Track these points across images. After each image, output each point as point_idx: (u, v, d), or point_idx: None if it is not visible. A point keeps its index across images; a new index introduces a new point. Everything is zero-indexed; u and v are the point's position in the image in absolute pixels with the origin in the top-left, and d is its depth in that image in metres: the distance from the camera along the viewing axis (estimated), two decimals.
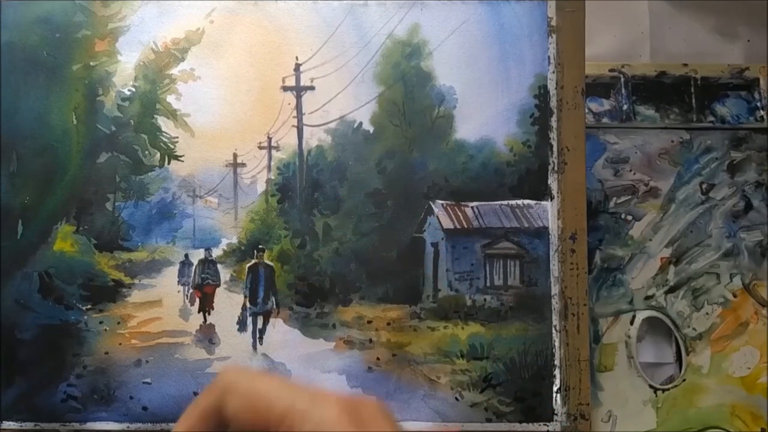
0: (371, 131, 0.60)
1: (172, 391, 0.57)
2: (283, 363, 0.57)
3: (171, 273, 0.59)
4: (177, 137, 0.59)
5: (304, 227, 0.59)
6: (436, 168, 0.60)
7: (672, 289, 0.68)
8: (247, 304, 0.59)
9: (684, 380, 0.66)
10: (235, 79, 0.59)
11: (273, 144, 0.60)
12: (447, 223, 0.59)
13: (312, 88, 0.60)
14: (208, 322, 0.58)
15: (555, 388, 0.58)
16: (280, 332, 0.58)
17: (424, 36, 0.60)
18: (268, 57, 0.60)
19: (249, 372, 0.31)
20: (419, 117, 0.60)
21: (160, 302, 0.58)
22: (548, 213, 0.59)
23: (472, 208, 0.60)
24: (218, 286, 0.59)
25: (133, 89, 0.59)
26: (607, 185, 0.69)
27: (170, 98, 0.59)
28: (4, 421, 0.56)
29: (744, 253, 0.68)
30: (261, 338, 0.58)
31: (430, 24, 0.60)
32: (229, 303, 0.59)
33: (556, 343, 0.58)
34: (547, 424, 0.57)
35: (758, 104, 0.71)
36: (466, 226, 0.60)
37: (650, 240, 0.68)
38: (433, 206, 0.60)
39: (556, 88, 0.60)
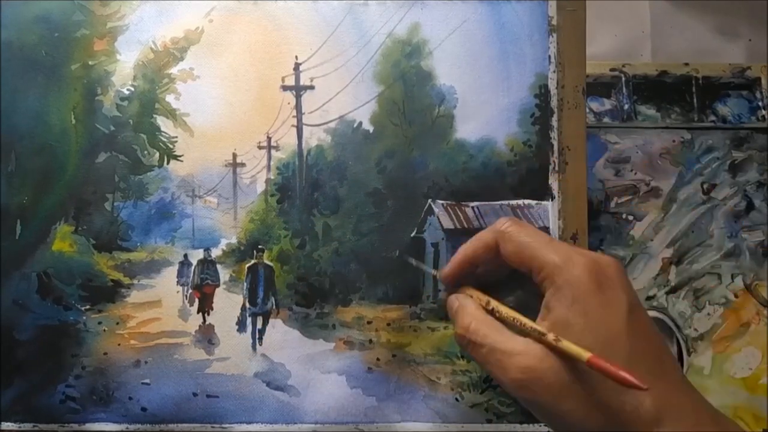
0: (371, 131, 0.59)
1: (172, 392, 0.57)
2: (283, 363, 0.57)
3: (170, 273, 0.58)
4: (176, 137, 0.59)
5: (304, 227, 0.59)
6: (437, 168, 0.59)
7: (673, 290, 0.68)
8: (247, 305, 0.59)
9: None
10: (234, 79, 0.59)
11: (272, 144, 0.59)
12: (447, 223, 0.59)
13: (312, 87, 0.60)
14: (207, 323, 0.58)
15: None
16: (279, 332, 0.58)
17: (425, 35, 0.60)
18: (268, 56, 0.60)
19: (522, 225, 0.40)
20: (419, 116, 0.60)
21: (159, 302, 0.58)
22: (549, 213, 0.59)
23: (472, 208, 0.60)
24: (218, 286, 0.59)
25: (132, 89, 0.59)
26: (608, 185, 0.69)
27: (169, 98, 0.59)
28: (2, 422, 0.56)
29: (745, 253, 0.68)
30: (261, 338, 0.58)
31: (431, 23, 0.60)
32: (228, 303, 0.58)
33: None
34: None
35: (759, 104, 0.71)
36: (466, 226, 0.59)
37: (651, 240, 0.68)
38: (433, 206, 0.59)
39: (556, 88, 0.59)
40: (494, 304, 0.40)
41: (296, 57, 0.60)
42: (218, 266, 0.59)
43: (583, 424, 0.35)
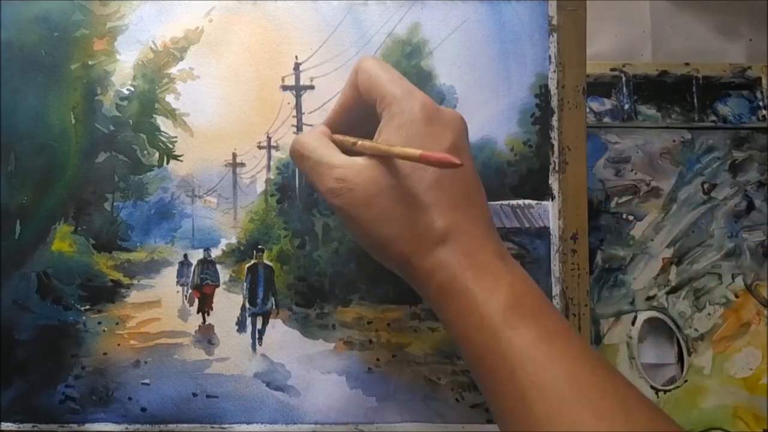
0: None
1: (171, 392, 0.57)
2: (283, 364, 0.57)
3: (170, 273, 0.58)
4: (176, 137, 0.59)
5: (304, 227, 0.59)
6: None
7: (674, 290, 0.68)
8: (247, 305, 0.59)
9: (686, 381, 0.66)
10: (234, 79, 0.59)
11: (272, 143, 0.59)
12: None
13: (312, 87, 0.59)
14: (207, 323, 0.58)
15: None
16: (279, 333, 0.58)
17: (425, 35, 0.60)
18: (268, 56, 0.60)
19: (378, 62, 0.44)
20: None
21: (159, 303, 0.58)
22: (549, 213, 0.59)
23: None
24: (217, 286, 0.59)
25: (132, 88, 0.59)
26: (609, 185, 0.69)
27: (169, 98, 0.59)
28: (2, 423, 0.56)
29: (746, 253, 0.68)
30: (260, 339, 0.58)
31: (431, 23, 0.60)
32: (228, 303, 0.58)
33: None
34: None
35: (760, 104, 0.71)
36: None
37: (652, 240, 0.68)
38: None
39: (557, 88, 0.59)
40: (357, 140, 0.43)
41: (296, 57, 0.60)
42: (218, 266, 0.59)
43: (379, 234, 0.40)
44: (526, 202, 0.60)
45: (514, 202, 0.60)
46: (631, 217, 0.69)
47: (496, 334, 0.37)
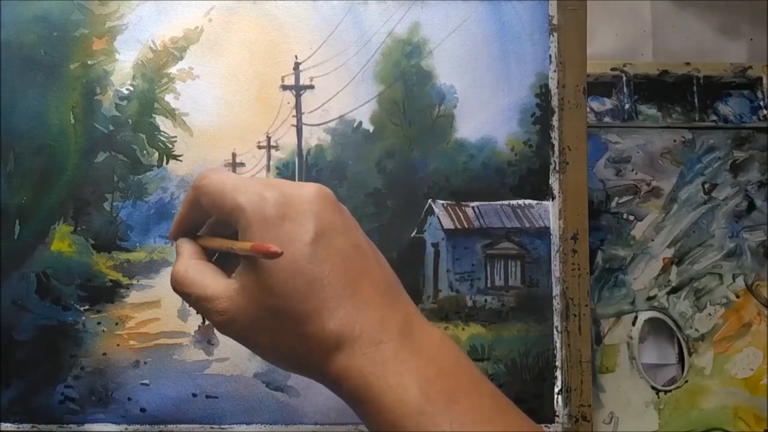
0: (371, 130, 0.59)
1: (171, 393, 0.56)
2: None
3: (169, 273, 0.58)
4: (175, 137, 0.59)
5: None
6: (437, 167, 0.59)
7: (674, 290, 0.67)
8: None
9: (686, 382, 0.66)
10: (233, 78, 0.59)
11: (272, 143, 0.59)
12: (447, 223, 0.59)
13: (311, 87, 0.59)
14: (206, 323, 0.58)
15: (556, 390, 0.57)
16: None
17: (425, 35, 0.60)
18: (267, 56, 0.59)
19: (217, 173, 0.40)
20: (419, 116, 0.59)
21: (158, 303, 0.58)
22: (549, 213, 0.59)
23: (472, 208, 0.60)
24: None
25: (131, 88, 0.59)
26: (609, 185, 0.69)
27: (168, 97, 0.59)
28: (1, 423, 0.56)
29: (747, 253, 0.68)
30: None
31: (431, 22, 0.60)
32: None
33: (558, 345, 0.58)
34: (549, 425, 0.57)
35: (761, 103, 0.71)
36: (466, 226, 0.59)
37: (652, 240, 0.68)
38: (433, 206, 0.59)
39: (557, 87, 0.59)
40: (204, 238, 0.42)
41: (296, 56, 0.59)
42: None
43: (279, 355, 0.38)
44: (527, 201, 0.59)
45: (514, 201, 0.59)
46: (631, 217, 0.69)
47: (414, 427, 0.34)
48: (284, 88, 0.59)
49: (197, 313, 0.41)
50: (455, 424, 0.34)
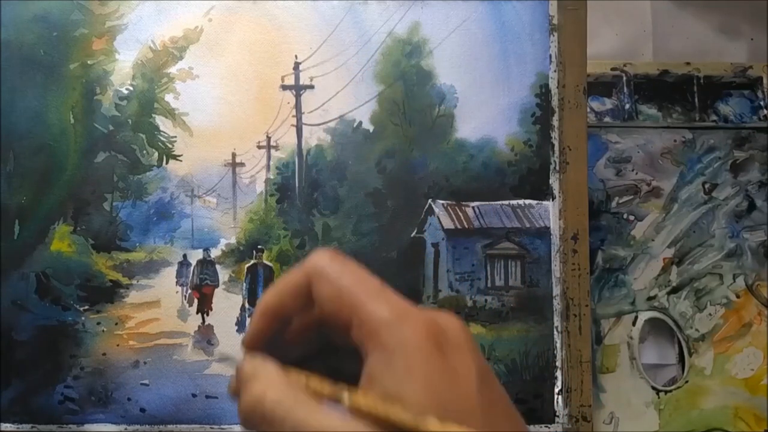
0: (371, 130, 0.59)
1: (170, 393, 0.56)
2: None
3: (169, 273, 0.58)
4: (175, 136, 0.59)
5: (304, 227, 0.59)
6: (437, 167, 0.59)
7: (674, 290, 0.67)
8: (246, 305, 0.58)
9: (687, 382, 0.66)
10: (233, 78, 0.59)
11: (272, 143, 0.59)
12: (447, 223, 0.59)
13: (311, 86, 0.59)
14: (206, 323, 0.58)
15: (556, 390, 0.57)
16: None
17: (425, 34, 0.60)
18: (267, 55, 0.59)
19: (340, 261, 0.30)
20: (419, 116, 0.59)
21: (158, 303, 0.58)
22: (550, 213, 0.59)
23: (473, 208, 0.59)
24: (217, 286, 0.58)
25: (131, 88, 0.59)
26: (609, 185, 0.69)
27: (168, 97, 0.59)
28: (1, 423, 0.56)
29: (747, 253, 0.68)
30: None
31: (431, 22, 0.60)
32: (227, 304, 0.58)
33: (558, 345, 0.58)
34: (549, 426, 0.57)
35: (761, 103, 0.71)
36: (466, 226, 0.59)
37: (653, 240, 0.68)
38: (433, 206, 0.59)
39: (557, 87, 0.59)
40: (304, 375, 0.29)
41: (296, 56, 0.59)
42: (217, 266, 0.59)
43: None
44: (527, 201, 0.59)
45: (514, 201, 0.59)
46: (631, 217, 0.68)
47: None
48: (284, 88, 0.59)
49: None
50: None
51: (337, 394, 0.28)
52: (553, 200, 0.59)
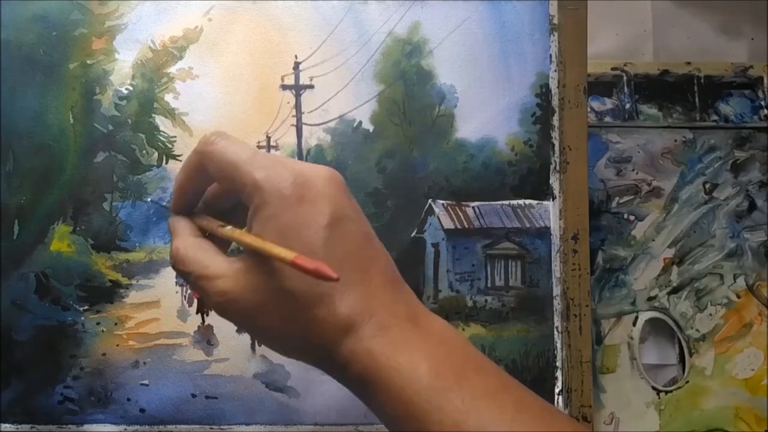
0: (371, 130, 0.59)
1: (170, 393, 0.56)
2: (282, 364, 0.57)
3: (169, 274, 0.58)
4: (175, 136, 0.59)
5: None
6: (437, 167, 0.59)
7: (675, 290, 0.67)
8: None
9: (687, 382, 0.66)
10: (233, 78, 0.59)
11: (272, 143, 0.59)
12: (448, 223, 0.59)
13: (311, 86, 0.59)
14: (206, 323, 0.58)
15: (557, 390, 0.57)
16: None
17: (425, 34, 0.60)
18: (267, 55, 0.59)
19: (226, 140, 0.37)
20: (419, 116, 0.59)
21: (158, 303, 0.58)
22: (550, 213, 0.59)
23: (473, 208, 0.59)
24: None
25: (131, 88, 0.59)
26: (610, 185, 0.69)
27: (168, 97, 0.59)
28: (1, 423, 0.56)
29: (748, 253, 0.68)
30: None
31: (431, 22, 0.60)
32: None
33: (558, 345, 0.58)
34: None
35: (762, 103, 0.71)
36: (467, 226, 0.59)
37: (653, 240, 0.68)
38: (433, 206, 0.59)
39: (558, 87, 0.59)
40: (230, 230, 0.39)
41: (296, 56, 0.59)
42: None
43: (283, 339, 0.37)
44: (527, 201, 0.59)
45: (514, 201, 0.59)
46: (632, 217, 0.68)
47: (425, 409, 0.34)
48: (284, 87, 0.59)
49: (195, 293, 0.40)
50: (466, 399, 0.34)
51: (229, 233, 0.38)
52: (553, 200, 0.59)
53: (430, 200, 0.59)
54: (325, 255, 0.35)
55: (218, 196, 0.42)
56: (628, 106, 0.70)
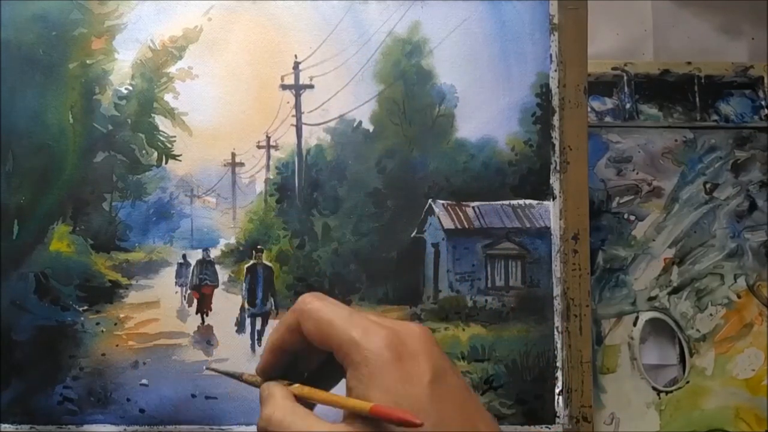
0: (371, 130, 0.59)
1: (170, 393, 0.56)
2: None
3: (168, 274, 0.58)
4: (174, 136, 0.59)
5: (303, 227, 0.59)
6: (437, 167, 0.59)
7: (675, 290, 0.67)
8: (246, 306, 0.58)
9: (687, 382, 0.66)
10: (233, 78, 0.59)
11: (272, 143, 0.59)
12: (448, 223, 0.59)
13: (311, 86, 0.59)
14: (206, 324, 0.58)
15: (557, 390, 0.57)
16: None
17: (425, 34, 0.60)
18: (267, 55, 0.59)
19: (323, 300, 0.37)
20: (419, 116, 0.59)
21: (157, 303, 0.58)
22: (550, 213, 0.59)
23: (473, 208, 0.59)
24: (216, 287, 0.58)
25: (131, 88, 0.59)
26: (610, 185, 0.69)
27: (168, 97, 0.59)
28: (0, 424, 0.56)
29: (748, 253, 0.68)
30: (260, 339, 0.58)
31: (431, 22, 0.60)
32: (227, 304, 0.58)
33: (558, 345, 0.58)
34: (549, 426, 0.57)
35: (762, 103, 0.71)
36: (467, 227, 0.59)
37: (653, 240, 0.68)
38: (433, 206, 0.59)
39: (558, 87, 0.59)
40: (307, 389, 0.38)
41: (295, 56, 0.59)
42: (217, 267, 0.59)
43: None
44: (527, 201, 0.59)
45: (514, 201, 0.59)
46: (632, 217, 0.68)
47: None
48: (284, 87, 0.59)
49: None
50: None
51: (307, 393, 0.37)
52: (553, 200, 0.59)
53: (430, 200, 0.59)
54: (435, 410, 0.34)
55: (290, 351, 0.40)
56: (628, 105, 0.70)
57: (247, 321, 0.58)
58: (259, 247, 0.59)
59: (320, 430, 0.35)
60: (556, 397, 0.57)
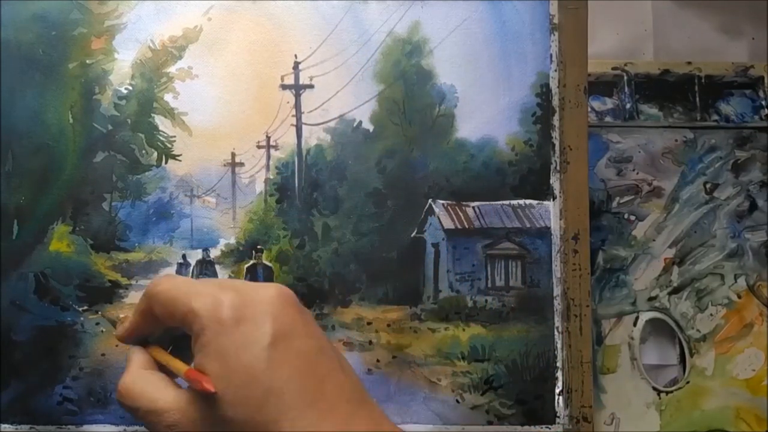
0: (371, 130, 0.59)
1: None
2: None
3: (169, 274, 0.58)
4: (174, 136, 0.59)
5: (303, 227, 0.59)
6: (437, 167, 0.59)
7: (676, 290, 0.67)
8: None
9: (688, 382, 0.66)
10: (233, 78, 0.59)
11: (272, 143, 0.59)
12: (448, 224, 0.59)
13: (311, 86, 0.59)
14: None
15: (557, 391, 0.57)
16: None
17: (425, 34, 0.60)
18: (267, 55, 0.59)
19: (172, 280, 0.38)
20: (420, 116, 0.59)
21: None
22: (550, 213, 0.59)
23: (473, 208, 0.59)
24: None
25: (130, 88, 0.59)
26: (610, 185, 0.69)
27: (168, 97, 0.59)
28: (0, 424, 0.56)
29: (748, 253, 0.68)
30: None
31: (431, 22, 0.60)
32: None
33: (559, 345, 0.58)
34: (549, 426, 0.57)
35: (763, 103, 0.71)
36: (467, 227, 0.59)
37: (654, 240, 0.68)
38: (433, 206, 0.59)
39: (558, 87, 0.59)
40: (157, 352, 0.40)
41: (295, 55, 0.59)
42: (217, 267, 0.59)
43: None
44: (527, 201, 0.59)
45: (515, 201, 0.59)
46: (632, 217, 0.68)
47: None
48: (284, 87, 0.59)
49: (146, 428, 0.38)
50: None
51: (156, 354, 0.40)
52: (553, 200, 0.59)
53: (430, 200, 0.59)
54: (268, 377, 0.33)
55: (150, 332, 0.42)
56: (628, 105, 0.70)
57: None
58: (259, 247, 0.58)
59: (162, 397, 0.36)
60: (557, 397, 0.57)
